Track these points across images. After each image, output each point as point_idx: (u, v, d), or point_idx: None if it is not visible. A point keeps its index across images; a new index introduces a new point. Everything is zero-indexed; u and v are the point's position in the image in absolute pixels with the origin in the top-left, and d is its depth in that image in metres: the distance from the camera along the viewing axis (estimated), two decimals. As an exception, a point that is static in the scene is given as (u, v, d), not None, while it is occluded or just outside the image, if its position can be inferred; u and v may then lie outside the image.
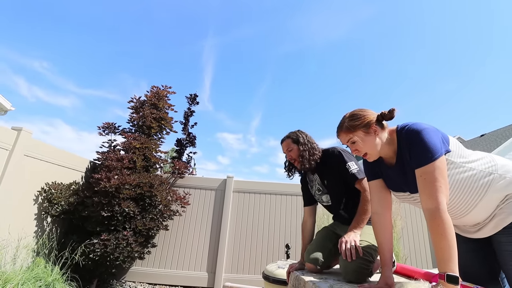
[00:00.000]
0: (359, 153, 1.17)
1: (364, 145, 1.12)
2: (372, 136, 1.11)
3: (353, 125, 1.13)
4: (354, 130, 1.13)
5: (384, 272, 1.15)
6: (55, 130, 24.44)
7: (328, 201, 1.76)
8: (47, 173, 3.34)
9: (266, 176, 36.80)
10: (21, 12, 14.58)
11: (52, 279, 2.73)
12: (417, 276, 1.44)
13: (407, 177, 1.10)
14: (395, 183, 1.20)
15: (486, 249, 1.23)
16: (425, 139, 0.99)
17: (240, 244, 4.27)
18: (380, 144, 1.12)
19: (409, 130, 1.05)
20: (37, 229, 3.22)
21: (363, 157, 1.18)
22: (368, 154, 1.14)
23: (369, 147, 1.12)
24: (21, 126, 2.95)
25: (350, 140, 1.16)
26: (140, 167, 3.94)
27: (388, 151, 1.15)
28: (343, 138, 1.19)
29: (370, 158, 1.16)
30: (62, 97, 25.01)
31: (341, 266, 1.41)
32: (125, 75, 24.07)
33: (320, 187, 1.77)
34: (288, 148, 1.77)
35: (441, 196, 0.94)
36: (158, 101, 4.50)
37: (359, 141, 1.13)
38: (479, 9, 22.32)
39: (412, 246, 4.35)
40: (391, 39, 25.22)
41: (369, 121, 1.12)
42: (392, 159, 1.16)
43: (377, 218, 1.22)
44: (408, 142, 1.05)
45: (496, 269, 1.23)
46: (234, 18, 23.30)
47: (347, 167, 1.59)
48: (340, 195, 1.70)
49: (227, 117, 30.46)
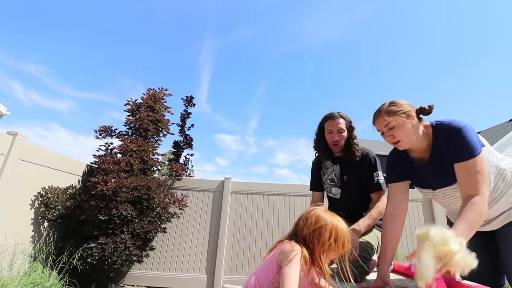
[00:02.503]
0: (393, 139, 1.17)
1: (400, 131, 1.14)
2: (409, 125, 1.13)
3: (393, 110, 1.15)
4: (394, 115, 1.14)
5: (381, 271, 1.17)
6: (51, 134, 24.32)
7: (337, 195, 1.74)
8: (43, 177, 3.32)
9: (264, 177, 36.81)
10: (16, 16, 14.50)
11: (49, 284, 2.71)
12: (413, 274, 1.45)
13: (438, 173, 1.15)
14: (424, 180, 1.24)
15: (490, 246, 1.24)
16: (467, 136, 1.04)
17: (239, 245, 4.27)
18: (415, 135, 1.15)
19: (451, 126, 1.09)
20: (34, 234, 3.19)
21: (394, 144, 1.19)
22: (401, 141, 1.16)
23: (404, 135, 1.14)
24: (17, 131, 2.93)
25: (388, 125, 1.15)
26: (137, 170, 3.93)
27: (422, 144, 1.17)
28: (381, 122, 1.18)
29: (401, 146, 1.18)
30: (59, 101, 24.91)
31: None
32: (122, 78, 24.04)
33: (336, 178, 1.73)
34: (340, 129, 1.62)
35: (483, 187, 0.98)
36: (155, 103, 4.49)
37: (396, 126, 1.14)
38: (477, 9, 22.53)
39: (411, 245, 4.36)
40: (389, 39, 25.38)
41: (409, 110, 1.15)
42: (424, 153, 1.19)
43: (391, 220, 1.24)
44: (449, 137, 1.08)
45: (499, 267, 1.23)
46: (232, 19, 23.34)
47: (375, 175, 1.59)
48: (352, 196, 1.69)
49: (224, 118, 30.49)
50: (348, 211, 1.67)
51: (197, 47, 22.41)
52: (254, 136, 32.19)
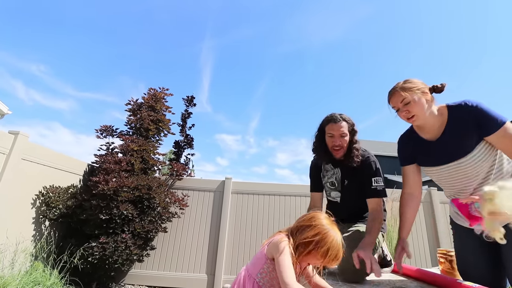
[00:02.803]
0: (408, 114, 1.23)
1: (416, 106, 1.20)
2: (424, 101, 1.21)
3: (408, 87, 1.22)
4: (409, 91, 1.21)
5: (401, 242, 1.32)
6: (53, 133, 24.37)
7: (336, 198, 1.69)
8: (44, 176, 3.33)
9: (265, 177, 36.78)
10: (18, 16, 14.54)
11: (50, 283, 2.72)
12: (414, 275, 1.45)
13: (449, 148, 1.21)
14: (436, 157, 1.28)
15: (489, 247, 1.23)
16: (489, 109, 1.14)
17: (240, 245, 4.27)
18: (428, 111, 1.22)
19: (472, 104, 1.16)
20: (35, 233, 3.20)
21: (409, 120, 1.25)
22: (416, 116, 1.22)
23: (419, 110, 1.20)
24: (18, 130, 2.94)
25: (404, 101, 1.22)
26: (138, 170, 3.94)
27: (435, 123, 1.24)
28: (397, 98, 1.24)
29: (416, 121, 1.24)
30: (60, 100, 24.96)
31: (339, 266, 1.41)
32: (123, 78, 24.08)
33: (336, 182, 1.66)
34: (342, 133, 1.53)
35: None
36: (156, 103, 4.50)
37: (412, 102, 1.20)
38: (477, 9, 22.48)
39: (411, 246, 4.36)
40: (389, 39, 25.34)
41: (423, 87, 1.23)
42: (436, 132, 1.26)
43: (410, 198, 1.38)
44: (475, 113, 1.15)
45: (500, 269, 1.22)
46: (232, 19, 23.35)
47: (374, 180, 1.49)
48: (352, 201, 1.63)
49: (225, 118, 30.48)
50: (347, 215, 1.65)
51: (198, 47, 22.44)
52: (255, 136, 32.19)
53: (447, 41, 24.33)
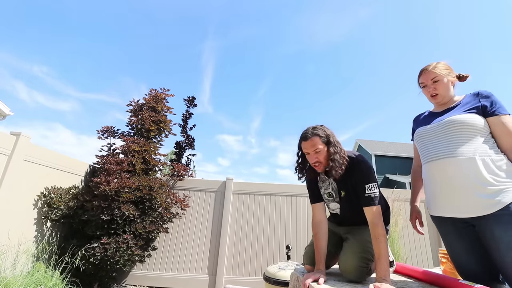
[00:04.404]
0: (434, 91, 1.39)
1: (442, 86, 1.38)
2: (450, 83, 1.39)
3: (441, 68, 1.39)
4: (442, 72, 1.37)
5: (414, 207, 1.59)
6: (54, 134, 24.40)
7: (336, 210, 1.64)
8: (46, 177, 3.34)
9: (266, 177, 36.73)
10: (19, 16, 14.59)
11: (52, 284, 2.72)
12: (416, 275, 1.45)
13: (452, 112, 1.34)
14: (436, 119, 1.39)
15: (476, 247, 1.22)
16: (499, 100, 1.29)
17: (241, 245, 4.27)
18: (451, 93, 1.40)
19: (485, 92, 1.31)
20: (37, 234, 3.21)
21: (432, 97, 1.42)
22: (439, 95, 1.39)
23: (445, 90, 1.38)
24: (20, 131, 2.95)
25: (434, 79, 1.38)
26: (140, 170, 3.94)
27: (449, 102, 1.41)
28: (429, 75, 1.40)
29: (437, 99, 1.41)
30: (62, 101, 24.99)
31: (341, 266, 1.41)
32: (124, 79, 24.12)
33: (333, 193, 1.60)
34: (316, 149, 1.43)
35: None
36: (157, 104, 4.51)
37: (440, 81, 1.37)
38: (476, 9, 22.42)
39: (413, 246, 4.35)
40: (390, 39, 25.29)
41: (453, 73, 1.41)
42: (448, 105, 1.41)
43: (419, 170, 1.55)
44: (487, 98, 1.29)
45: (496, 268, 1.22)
46: (234, 20, 23.37)
47: (367, 188, 1.39)
48: (353, 211, 1.55)
49: (227, 119, 30.44)
50: (350, 224, 1.61)
51: (199, 47, 22.39)
52: (256, 137, 32.15)
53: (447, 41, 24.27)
